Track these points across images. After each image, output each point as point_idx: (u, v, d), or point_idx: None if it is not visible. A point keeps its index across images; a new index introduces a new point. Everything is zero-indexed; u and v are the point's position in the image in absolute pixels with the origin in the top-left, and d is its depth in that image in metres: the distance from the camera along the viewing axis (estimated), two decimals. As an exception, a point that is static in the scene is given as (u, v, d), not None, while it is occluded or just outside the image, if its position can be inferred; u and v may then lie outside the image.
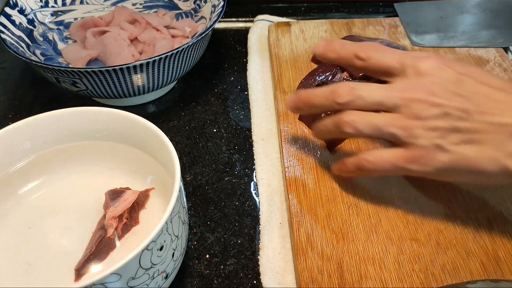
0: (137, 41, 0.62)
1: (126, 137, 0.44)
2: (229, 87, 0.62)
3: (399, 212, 0.44)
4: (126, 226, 0.40)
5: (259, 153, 0.53)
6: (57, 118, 0.43)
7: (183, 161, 0.53)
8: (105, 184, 0.43)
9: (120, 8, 0.66)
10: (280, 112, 0.54)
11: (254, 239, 0.45)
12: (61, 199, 0.43)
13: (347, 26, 0.67)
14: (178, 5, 0.69)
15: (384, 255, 0.41)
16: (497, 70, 0.59)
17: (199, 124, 0.57)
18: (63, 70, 0.50)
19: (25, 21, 0.61)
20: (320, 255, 0.41)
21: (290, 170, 0.48)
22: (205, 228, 0.46)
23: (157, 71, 0.53)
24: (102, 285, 0.30)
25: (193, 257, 0.44)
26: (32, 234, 0.40)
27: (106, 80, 0.51)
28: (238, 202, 0.49)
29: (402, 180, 0.47)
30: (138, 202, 0.41)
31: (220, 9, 0.59)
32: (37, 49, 0.60)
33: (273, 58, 0.62)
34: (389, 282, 0.39)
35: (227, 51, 0.68)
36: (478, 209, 0.44)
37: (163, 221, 0.33)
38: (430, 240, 0.42)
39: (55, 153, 0.44)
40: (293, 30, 0.66)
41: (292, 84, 0.58)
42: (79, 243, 0.39)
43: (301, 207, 0.45)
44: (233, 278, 0.42)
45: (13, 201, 0.42)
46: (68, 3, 0.66)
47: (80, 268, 0.37)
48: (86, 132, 0.44)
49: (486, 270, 0.40)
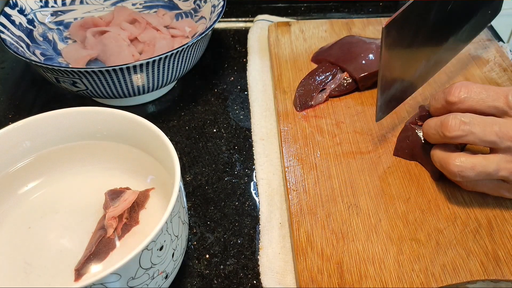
0: (137, 41, 0.62)
1: (126, 137, 0.44)
2: (229, 87, 0.62)
3: (399, 212, 0.44)
4: (126, 226, 0.40)
5: (259, 153, 0.53)
6: (57, 118, 0.43)
7: (183, 161, 0.53)
8: (105, 184, 0.43)
9: (120, 8, 0.66)
10: (280, 112, 0.54)
11: (254, 239, 0.45)
12: (61, 199, 0.43)
13: (347, 26, 0.67)
14: (178, 5, 0.69)
15: (384, 255, 0.41)
16: (497, 70, 0.59)
17: (199, 124, 0.57)
18: (63, 70, 0.50)
19: (25, 21, 0.61)
20: (320, 255, 0.41)
21: (290, 170, 0.48)
22: (205, 228, 0.46)
23: (157, 71, 0.53)
24: (102, 285, 0.30)
25: (193, 257, 0.44)
26: (32, 234, 0.40)
27: (106, 80, 0.51)
28: (238, 202, 0.49)
29: (402, 180, 0.47)
30: (138, 202, 0.41)
31: (220, 9, 0.59)
32: (37, 49, 0.60)
33: (273, 58, 0.62)
34: (389, 282, 0.39)
35: (227, 51, 0.68)
36: (478, 209, 0.44)
37: (163, 221, 0.33)
38: (430, 240, 0.42)
39: (55, 153, 0.44)
40: (293, 30, 0.66)
41: (292, 84, 0.58)
42: (79, 243, 0.39)
43: (301, 207, 0.45)
44: (233, 278, 0.42)
45: (13, 201, 0.42)
46: (68, 3, 0.66)
47: (80, 268, 0.37)
48: (86, 132, 0.44)
49: (486, 270, 0.40)
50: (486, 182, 0.42)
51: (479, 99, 0.41)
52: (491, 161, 0.40)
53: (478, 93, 0.41)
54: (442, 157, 0.42)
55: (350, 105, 0.55)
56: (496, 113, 0.41)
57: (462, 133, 0.40)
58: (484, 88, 0.41)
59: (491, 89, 0.41)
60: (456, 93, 0.41)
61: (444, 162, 0.42)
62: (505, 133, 0.39)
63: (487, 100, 0.41)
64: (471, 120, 0.40)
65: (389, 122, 0.53)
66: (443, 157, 0.42)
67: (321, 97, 0.55)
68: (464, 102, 0.41)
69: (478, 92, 0.41)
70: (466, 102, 0.41)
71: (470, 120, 0.40)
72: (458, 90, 0.42)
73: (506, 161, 0.40)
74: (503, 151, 0.40)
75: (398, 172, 0.48)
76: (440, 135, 0.41)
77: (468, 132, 0.40)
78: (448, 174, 0.42)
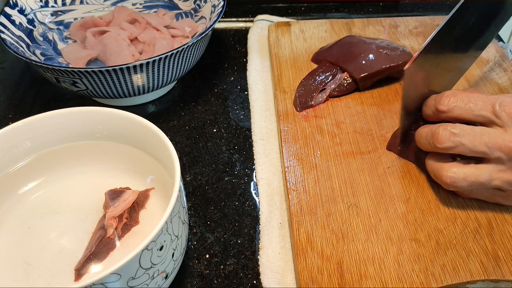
0: (137, 41, 0.62)
1: (126, 137, 0.44)
2: (229, 87, 0.62)
3: (399, 212, 0.44)
4: (126, 226, 0.40)
5: (259, 153, 0.53)
6: (57, 118, 0.43)
7: (183, 161, 0.53)
8: (105, 184, 0.43)
9: (120, 8, 0.66)
10: (280, 112, 0.54)
11: (254, 239, 0.45)
12: (61, 199, 0.43)
13: (347, 26, 0.67)
14: (178, 5, 0.69)
15: (384, 255, 0.41)
16: (497, 70, 0.59)
17: (199, 124, 0.57)
18: (63, 70, 0.50)
19: (25, 21, 0.61)
20: (320, 255, 0.41)
21: (290, 170, 0.48)
22: (205, 228, 0.46)
23: (157, 71, 0.53)
24: (102, 285, 0.30)
25: (193, 257, 0.44)
26: (32, 234, 0.40)
27: (106, 80, 0.51)
28: (238, 202, 0.49)
29: (402, 180, 0.47)
30: (138, 202, 0.41)
31: (220, 9, 0.59)
32: (37, 49, 0.60)
33: (273, 58, 0.62)
34: (389, 282, 0.39)
35: (227, 51, 0.68)
36: (478, 209, 0.44)
37: (163, 221, 0.33)
38: (430, 240, 0.42)
39: (55, 153, 0.44)
40: (293, 30, 0.66)
41: (292, 84, 0.58)
42: (79, 243, 0.39)
43: (301, 207, 0.45)
44: (233, 278, 0.42)
45: (13, 201, 0.42)
46: (68, 3, 0.66)
47: (80, 268, 0.37)
48: (86, 132, 0.44)
49: (486, 270, 0.40)
50: (481, 190, 0.43)
51: (467, 108, 0.42)
52: (483, 171, 0.40)
53: (467, 102, 0.42)
54: (435, 167, 0.43)
55: (350, 105, 0.55)
56: (484, 121, 0.41)
57: (452, 145, 0.41)
58: (472, 97, 0.42)
59: (479, 98, 0.42)
60: (445, 102, 0.42)
61: (438, 173, 0.42)
62: (494, 143, 0.40)
63: (475, 109, 0.42)
64: (460, 131, 0.41)
65: (389, 122, 0.53)
66: (436, 168, 0.43)
67: (321, 97, 0.55)
68: (453, 111, 0.42)
69: (466, 101, 0.42)
70: (454, 111, 0.42)
71: (459, 132, 0.41)
72: (447, 99, 0.42)
73: (498, 171, 0.40)
74: (494, 161, 0.40)
75: (398, 172, 0.48)
76: (431, 145, 0.42)
77: (458, 143, 0.40)
78: (442, 184, 0.43)
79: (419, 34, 0.65)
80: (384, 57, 0.56)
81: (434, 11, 0.76)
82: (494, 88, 0.56)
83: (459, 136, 0.40)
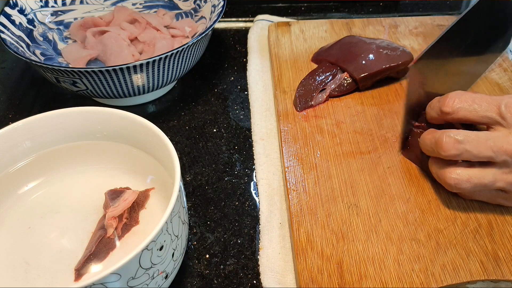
0: (137, 41, 0.62)
1: (126, 137, 0.44)
2: (229, 87, 0.62)
3: (399, 212, 0.44)
4: (126, 226, 0.40)
5: (259, 153, 0.53)
6: (57, 118, 0.43)
7: (183, 161, 0.53)
8: (105, 184, 0.43)
9: (120, 8, 0.66)
10: (280, 112, 0.54)
11: (254, 239, 0.45)
12: (61, 199, 0.43)
13: (347, 26, 0.67)
14: (178, 5, 0.69)
15: (384, 255, 0.41)
16: (497, 70, 0.59)
17: (199, 124, 0.57)
18: (63, 70, 0.50)
19: (25, 21, 0.61)
20: (320, 255, 0.41)
21: (290, 170, 0.48)
22: (205, 228, 0.46)
23: (157, 71, 0.53)
24: (102, 285, 0.30)
25: (193, 257, 0.44)
26: (32, 234, 0.40)
27: (106, 80, 0.51)
28: (238, 202, 0.49)
29: (402, 180, 0.47)
30: (138, 202, 0.41)
31: (220, 9, 0.59)
32: (37, 49, 0.60)
33: (273, 58, 0.62)
34: (389, 282, 0.39)
35: (227, 51, 0.68)
36: (478, 209, 0.44)
37: (163, 221, 0.33)
38: (430, 240, 0.42)
39: (55, 153, 0.44)
40: (293, 30, 0.66)
41: (292, 84, 0.58)
42: (79, 243, 0.39)
43: (301, 207, 0.45)
44: (233, 278, 0.42)
45: (13, 201, 0.42)
46: (68, 3, 0.66)
47: (80, 268, 0.37)
48: (86, 132, 0.44)
49: (486, 270, 0.40)
50: (484, 192, 0.43)
51: (471, 110, 0.42)
52: (487, 173, 0.40)
53: (471, 103, 0.42)
54: (439, 169, 0.43)
55: (350, 105, 0.55)
56: (489, 122, 0.41)
57: (457, 152, 0.40)
58: (477, 98, 0.42)
59: (483, 99, 0.42)
60: (450, 103, 0.42)
61: (441, 174, 0.42)
62: (499, 147, 0.40)
63: (479, 110, 0.41)
64: (465, 138, 0.40)
65: (389, 122, 0.53)
66: (440, 169, 0.43)
67: (321, 97, 0.55)
68: (458, 112, 0.42)
69: (470, 102, 0.42)
70: (459, 112, 0.42)
71: (463, 138, 0.40)
72: (452, 101, 0.42)
73: (502, 173, 0.40)
74: (499, 164, 0.40)
75: (398, 172, 0.48)
76: (435, 153, 0.42)
77: (463, 150, 0.40)
78: (445, 186, 0.43)
79: (419, 34, 0.65)
80: (384, 57, 0.56)
81: (434, 11, 0.76)
82: (494, 88, 0.56)
83: (463, 143, 0.40)
